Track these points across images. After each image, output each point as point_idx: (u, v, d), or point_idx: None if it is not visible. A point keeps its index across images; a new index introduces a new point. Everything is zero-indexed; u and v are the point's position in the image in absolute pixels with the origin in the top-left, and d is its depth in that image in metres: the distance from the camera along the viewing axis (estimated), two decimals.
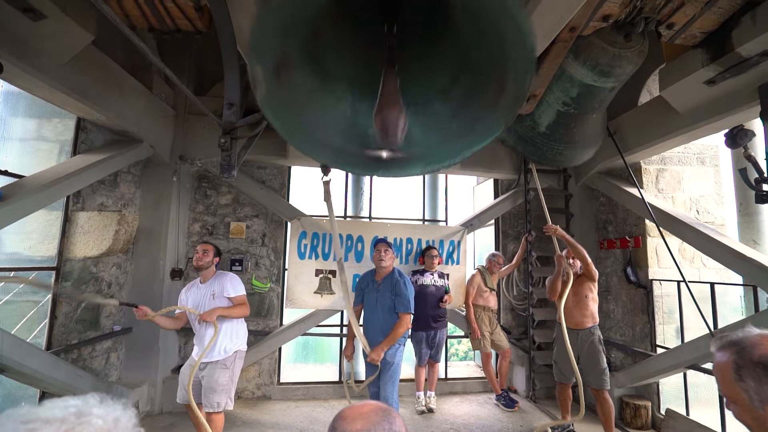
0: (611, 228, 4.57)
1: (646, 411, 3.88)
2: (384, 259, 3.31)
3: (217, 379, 2.85)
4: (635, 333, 4.16)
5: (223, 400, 2.85)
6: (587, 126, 3.22)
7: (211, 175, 4.55)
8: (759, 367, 0.79)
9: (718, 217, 4.29)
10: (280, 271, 4.65)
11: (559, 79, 2.83)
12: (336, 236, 3.53)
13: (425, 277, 4.21)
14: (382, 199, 5.21)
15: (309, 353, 5.27)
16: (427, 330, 4.10)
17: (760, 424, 0.79)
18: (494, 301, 4.51)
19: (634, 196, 3.91)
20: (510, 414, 4.17)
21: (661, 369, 3.66)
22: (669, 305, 3.99)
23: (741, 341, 0.84)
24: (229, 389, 2.91)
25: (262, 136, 4.25)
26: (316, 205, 5.03)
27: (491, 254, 4.60)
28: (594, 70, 2.62)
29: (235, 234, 4.56)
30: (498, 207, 4.94)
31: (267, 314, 4.54)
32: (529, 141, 3.30)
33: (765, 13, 2.33)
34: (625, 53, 2.53)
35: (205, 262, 3.03)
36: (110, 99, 3.17)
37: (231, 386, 2.92)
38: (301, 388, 4.50)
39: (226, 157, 2.71)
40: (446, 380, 4.88)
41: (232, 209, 4.62)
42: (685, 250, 4.03)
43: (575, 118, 3.07)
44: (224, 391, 2.86)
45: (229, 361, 2.92)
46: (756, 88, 2.65)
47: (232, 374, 2.94)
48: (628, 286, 4.24)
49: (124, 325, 3.86)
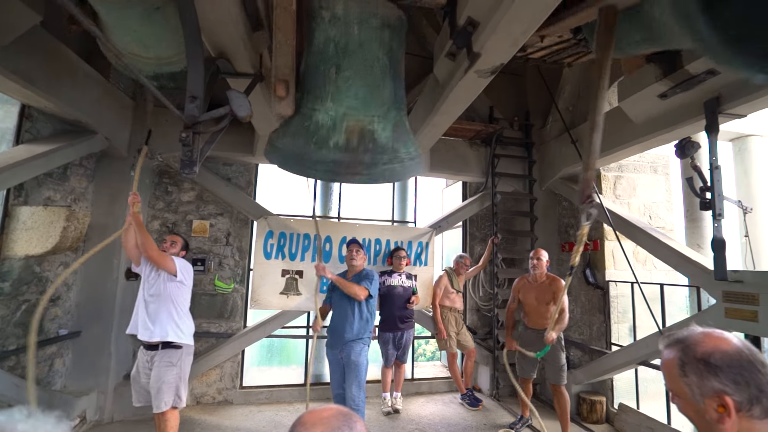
0: (572, 231, 4.77)
1: (601, 406, 4.07)
2: (356, 259, 3.36)
3: (163, 378, 2.74)
4: (593, 332, 4.36)
5: (170, 398, 2.74)
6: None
7: (172, 171, 4.35)
8: (701, 363, 0.82)
9: (668, 222, 4.57)
10: (245, 272, 4.51)
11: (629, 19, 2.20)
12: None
13: (393, 277, 4.22)
14: (352, 200, 5.18)
15: (274, 356, 5.14)
16: (394, 331, 4.10)
17: (700, 416, 0.83)
18: (460, 302, 4.58)
19: (594, 200, 4.09)
20: (474, 413, 4.25)
21: (615, 366, 3.85)
22: (623, 305, 4.20)
23: (686, 339, 0.88)
24: (178, 386, 2.79)
25: (228, 132, 4.07)
26: (284, 204, 4.93)
27: (458, 256, 4.67)
28: None
29: (197, 232, 4.38)
30: (466, 209, 5.02)
31: (230, 316, 4.38)
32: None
33: None
34: None
35: (171, 253, 2.95)
36: (61, 86, 2.95)
37: (180, 383, 2.81)
38: (265, 391, 4.38)
39: (187, 152, 2.58)
40: (412, 381, 4.90)
41: (195, 207, 4.43)
42: (639, 253, 4.26)
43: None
44: (171, 389, 2.75)
45: (176, 358, 2.81)
46: (702, 104, 2.84)
47: (180, 371, 2.82)
48: (587, 287, 4.44)
49: (71, 328, 3.59)
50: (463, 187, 5.43)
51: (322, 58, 2.45)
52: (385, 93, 2.50)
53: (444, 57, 2.62)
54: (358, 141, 2.41)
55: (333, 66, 2.42)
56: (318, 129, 2.41)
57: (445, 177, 5.32)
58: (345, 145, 2.40)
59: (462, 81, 2.58)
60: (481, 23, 2.20)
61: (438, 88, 2.99)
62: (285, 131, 2.56)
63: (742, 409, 0.78)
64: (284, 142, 2.55)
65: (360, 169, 2.46)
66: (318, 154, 2.41)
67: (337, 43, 2.40)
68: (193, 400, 4.18)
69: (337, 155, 2.42)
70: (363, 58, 2.42)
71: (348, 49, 2.40)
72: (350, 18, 2.34)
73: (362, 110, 2.43)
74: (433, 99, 3.13)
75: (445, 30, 2.56)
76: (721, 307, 2.97)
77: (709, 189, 2.89)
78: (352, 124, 2.41)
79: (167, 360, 2.78)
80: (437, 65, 2.79)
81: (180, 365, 2.82)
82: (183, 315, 2.91)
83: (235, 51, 2.60)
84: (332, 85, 2.42)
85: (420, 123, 3.52)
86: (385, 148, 2.48)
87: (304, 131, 2.45)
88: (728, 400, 0.78)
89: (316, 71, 2.48)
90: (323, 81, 2.44)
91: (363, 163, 2.45)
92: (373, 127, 2.45)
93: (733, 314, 2.89)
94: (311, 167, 2.47)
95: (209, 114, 2.77)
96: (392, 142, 2.51)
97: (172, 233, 3.11)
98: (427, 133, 3.60)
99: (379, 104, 2.48)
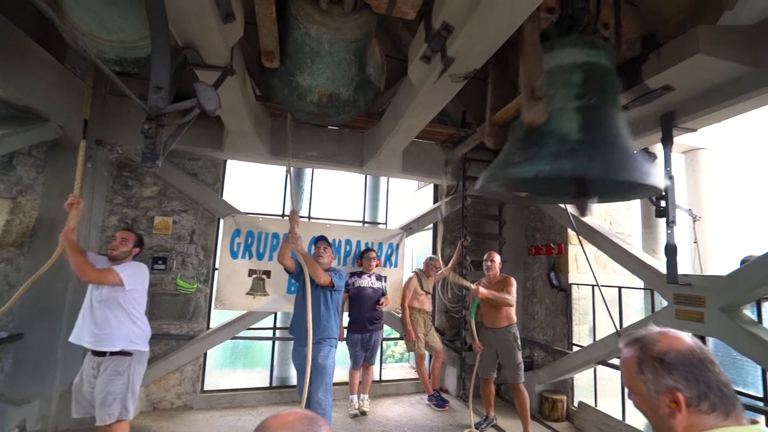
0: (538, 235, 4.92)
1: (562, 404, 4.21)
2: (323, 256, 3.27)
3: (108, 388, 2.52)
4: (556, 333, 4.51)
5: (116, 410, 2.52)
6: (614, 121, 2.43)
7: (134, 164, 4.13)
8: (657, 361, 0.87)
9: (627, 228, 4.81)
10: (209, 271, 4.34)
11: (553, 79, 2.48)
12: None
13: (363, 279, 4.19)
14: (323, 200, 5.11)
15: (238, 358, 4.97)
16: (362, 332, 4.07)
17: (654, 412, 0.87)
18: (429, 303, 4.62)
19: (559, 206, 4.25)
20: (441, 413, 4.29)
21: (576, 365, 4.00)
22: (584, 307, 4.38)
23: (643, 338, 0.92)
24: (125, 397, 2.56)
25: (196, 126, 3.94)
26: (253, 202, 4.80)
27: (428, 258, 4.71)
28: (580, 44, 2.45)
29: (159, 229, 4.18)
30: (436, 212, 5.08)
31: (192, 317, 4.20)
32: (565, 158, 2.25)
33: (668, 52, 2.64)
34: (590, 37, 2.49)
35: (121, 251, 2.72)
36: (9, 69, 2.73)
37: (127, 394, 2.58)
38: (228, 395, 4.23)
39: (149, 145, 2.44)
40: (380, 382, 4.89)
41: (158, 202, 4.23)
42: (599, 257, 4.45)
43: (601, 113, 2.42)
44: (117, 400, 2.53)
45: (124, 366, 2.58)
46: (659, 117, 3.01)
47: (128, 380, 2.59)
48: (551, 290, 4.59)
49: (12, 330, 3.31)
50: (435, 190, 5.49)
51: (299, 49, 2.84)
52: (351, 72, 3.06)
53: (418, 60, 2.63)
54: (327, 100, 3.26)
55: (308, 59, 2.88)
56: (298, 87, 3.17)
57: (417, 179, 5.35)
58: (317, 101, 3.25)
59: (435, 84, 2.60)
60: (456, 28, 2.22)
61: (412, 91, 3.00)
62: (273, 73, 3.20)
63: (692, 404, 0.82)
64: (273, 83, 3.32)
65: (328, 119, 3.64)
66: (299, 104, 3.33)
67: (311, 48, 2.79)
68: (149, 406, 3.97)
69: (312, 109, 3.34)
70: (332, 59, 2.88)
71: (320, 54, 2.82)
72: (322, 39, 2.67)
73: (331, 85, 3.13)
74: (406, 101, 3.14)
75: (421, 33, 2.57)
76: (672, 309, 3.15)
77: (664, 197, 3.07)
78: (323, 90, 3.19)
79: (114, 368, 2.56)
80: (411, 68, 2.80)
81: (129, 374, 2.60)
82: (136, 319, 2.70)
83: (203, 42, 2.50)
84: (308, 69, 2.98)
85: (393, 124, 3.53)
86: (347, 102, 3.33)
87: (288, 83, 3.20)
88: (680, 396, 0.82)
89: (295, 56, 2.93)
90: (301, 65, 2.97)
91: (329, 115, 3.44)
92: (339, 92, 3.22)
93: (683, 315, 3.08)
94: (294, 111, 3.55)
95: (175, 106, 2.65)
96: (353, 96, 3.29)
97: (124, 229, 2.86)
98: (401, 135, 3.61)
99: (346, 80, 3.12)
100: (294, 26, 2.73)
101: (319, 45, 2.75)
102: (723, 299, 2.83)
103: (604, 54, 2.47)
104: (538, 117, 2.29)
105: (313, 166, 4.70)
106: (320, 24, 2.60)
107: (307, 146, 4.40)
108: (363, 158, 4.59)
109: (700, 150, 5.32)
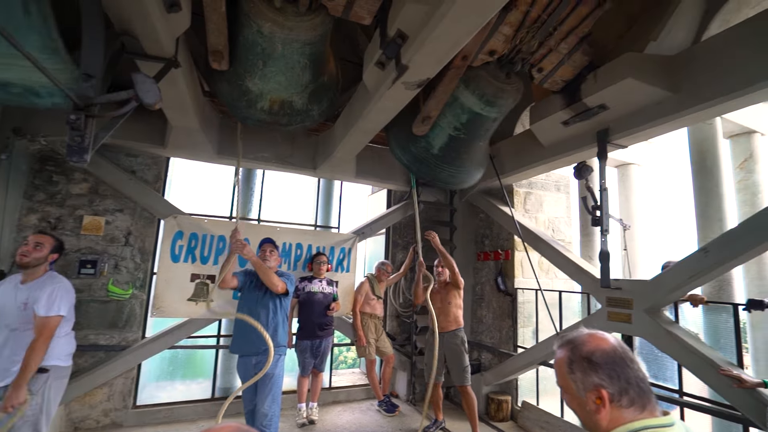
0: (487, 242, 5.10)
1: (507, 405, 4.38)
2: (269, 260, 3.11)
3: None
4: (502, 336, 4.68)
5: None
6: (474, 153, 3.64)
7: (60, 158, 3.75)
8: (585, 361, 0.92)
9: (568, 235, 5.13)
10: (146, 276, 4.03)
11: (452, 106, 3.18)
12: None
13: (313, 284, 4.10)
14: (274, 202, 4.95)
15: (177, 369, 4.64)
16: (312, 338, 3.97)
17: (582, 408, 0.92)
18: (381, 308, 4.62)
19: (507, 214, 4.43)
20: (390, 419, 4.29)
21: (520, 366, 4.17)
22: (528, 310, 4.60)
23: (574, 340, 0.98)
24: (37, 420, 2.28)
25: (135, 119, 3.68)
26: (198, 204, 4.54)
27: (380, 263, 4.72)
28: (481, 99, 3.00)
29: (89, 230, 3.81)
30: (389, 217, 5.11)
31: (126, 325, 3.87)
32: (423, 162, 3.64)
33: (604, 74, 2.87)
34: (505, 87, 2.94)
35: (33, 258, 2.37)
36: None
37: (40, 416, 2.29)
38: (164, 410, 3.93)
39: (76, 137, 2.22)
40: (330, 389, 4.80)
41: (88, 200, 3.86)
42: (543, 262, 4.71)
43: (465, 144, 3.46)
44: (28, 423, 2.24)
45: (38, 385, 2.29)
46: (595, 133, 3.24)
47: (43, 401, 2.30)
48: (498, 294, 4.77)
49: None
50: (388, 195, 5.52)
51: (251, 50, 2.72)
52: (305, 78, 2.96)
53: (373, 65, 2.63)
54: (279, 107, 3.14)
55: (260, 60, 2.77)
56: (248, 92, 3.01)
57: (371, 184, 5.35)
58: (268, 108, 3.14)
59: (389, 91, 2.62)
60: (410, 37, 2.25)
61: (366, 95, 2.99)
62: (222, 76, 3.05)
63: (614, 400, 0.87)
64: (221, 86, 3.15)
65: (279, 128, 3.47)
66: (248, 111, 3.17)
67: (263, 48, 2.68)
68: (69, 427, 3.59)
69: (263, 116, 3.22)
70: (285, 63, 2.79)
71: (273, 55, 2.72)
72: (275, 39, 2.60)
73: (284, 90, 3.02)
74: (361, 105, 3.13)
75: (376, 39, 2.58)
76: (605, 311, 3.39)
77: (599, 208, 3.30)
78: (275, 97, 3.06)
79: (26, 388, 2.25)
80: (366, 72, 2.80)
81: (43, 393, 2.30)
82: (59, 337, 2.40)
83: (144, 30, 2.33)
84: (259, 73, 2.86)
85: (348, 128, 3.50)
86: (299, 111, 3.22)
87: (237, 88, 3.02)
88: (604, 392, 0.87)
89: (246, 58, 2.79)
90: (252, 67, 2.84)
91: (281, 123, 3.32)
92: (291, 99, 3.10)
93: (614, 317, 3.32)
94: (242, 118, 3.40)
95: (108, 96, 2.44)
96: (307, 105, 3.19)
97: (39, 232, 2.49)
98: (355, 138, 3.59)
99: (299, 87, 3.01)
100: (245, 24, 2.61)
101: (271, 45, 2.66)
102: (647, 302, 3.09)
103: (497, 110, 3.13)
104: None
105: (264, 168, 4.54)
106: (273, 22, 2.52)
107: (259, 147, 4.24)
108: (316, 161, 4.51)
109: (630, 165, 5.82)
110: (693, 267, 2.81)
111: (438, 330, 3.79)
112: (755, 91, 2.29)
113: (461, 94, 3.08)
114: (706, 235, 3.66)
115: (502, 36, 2.67)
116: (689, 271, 2.83)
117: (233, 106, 3.25)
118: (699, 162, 3.88)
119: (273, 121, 3.29)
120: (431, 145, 3.52)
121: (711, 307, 3.50)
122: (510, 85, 3.00)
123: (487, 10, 1.87)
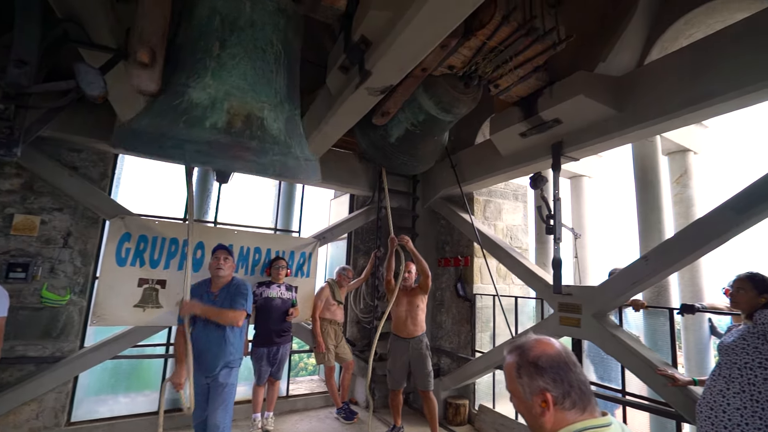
0: (448, 248, 5.20)
1: (465, 408, 4.45)
2: (222, 268, 2.92)
3: None
4: (461, 340, 4.77)
5: None
6: (428, 146, 3.80)
7: None
8: (531, 366, 0.95)
9: (524, 243, 5.33)
10: (87, 280, 3.73)
11: (411, 104, 3.26)
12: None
13: (271, 289, 3.98)
14: (231, 204, 4.77)
15: (120, 381, 4.31)
16: (269, 346, 3.84)
17: (529, 411, 0.95)
18: (341, 314, 4.56)
19: (467, 221, 4.54)
20: (349, 426, 4.23)
21: (477, 371, 4.26)
22: (486, 315, 4.71)
23: (522, 345, 1.01)
24: None
25: (79, 112, 3.44)
26: (149, 204, 4.28)
27: (341, 268, 4.67)
28: (438, 105, 3.08)
29: (21, 230, 3.48)
30: (351, 222, 5.08)
31: (61, 335, 3.55)
32: (379, 149, 3.75)
33: (559, 90, 3.01)
34: (462, 97, 3.02)
35: None
36: None
37: None
38: (103, 426, 3.64)
39: (5, 128, 2.04)
40: (287, 398, 4.67)
41: (21, 198, 3.53)
42: (500, 269, 4.85)
43: (419, 138, 3.59)
44: None
45: None
46: (550, 146, 3.40)
47: None
48: (457, 300, 4.86)
49: None
50: (351, 200, 5.49)
51: (204, 31, 2.19)
52: (279, 82, 2.33)
53: (337, 69, 2.61)
54: (244, 125, 2.12)
55: (216, 41, 2.17)
56: (191, 107, 2.06)
57: (333, 188, 5.31)
58: (226, 127, 2.07)
59: (353, 96, 2.60)
60: (374, 43, 2.25)
61: (330, 99, 2.96)
62: (146, 113, 2.17)
63: (558, 403, 0.90)
64: (141, 123, 2.12)
65: (246, 154, 2.08)
66: (188, 133, 2.00)
67: (224, 16, 2.17)
68: None
69: (215, 136, 2.04)
70: (254, 38, 2.22)
71: (237, 24, 2.18)
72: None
73: (251, 93, 2.18)
74: (324, 109, 3.09)
75: (340, 43, 2.56)
76: (557, 316, 3.54)
77: (552, 217, 3.45)
78: (238, 106, 2.12)
79: None
80: (330, 76, 2.77)
81: None
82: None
83: (89, 15, 2.17)
84: (214, 61, 2.15)
85: (311, 130, 3.44)
86: (276, 139, 2.23)
87: (171, 110, 2.07)
88: (549, 396, 0.90)
89: (195, 45, 2.19)
90: (203, 56, 2.15)
91: (249, 148, 2.11)
92: (263, 115, 2.19)
93: (565, 322, 3.48)
94: (176, 146, 1.98)
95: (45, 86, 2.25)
96: (285, 135, 2.28)
97: None
98: (318, 142, 3.53)
99: (271, 93, 2.27)
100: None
101: (237, 6, 2.15)
102: (594, 307, 3.27)
103: (452, 116, 3.24)
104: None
105: None
106: None
107: None
108: None
109: (582, 177, 6.15)
110: (635, 274, 3.01)
111: (405, 335, 3.82)
112: (688, 113, 2.50)
113: (420, 97, 3.15)
114: (647, 245, 3.92)
115: (461, 56, 2.74)
116: (632, 277, 3.02)
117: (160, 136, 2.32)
118: (641, 176, 4.17)
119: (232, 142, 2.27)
120: (389, 134, 3.63)
121: (650, 311, 3.75)
122: (467, 95, 3.08)
123: (449, 20, 1.91)
